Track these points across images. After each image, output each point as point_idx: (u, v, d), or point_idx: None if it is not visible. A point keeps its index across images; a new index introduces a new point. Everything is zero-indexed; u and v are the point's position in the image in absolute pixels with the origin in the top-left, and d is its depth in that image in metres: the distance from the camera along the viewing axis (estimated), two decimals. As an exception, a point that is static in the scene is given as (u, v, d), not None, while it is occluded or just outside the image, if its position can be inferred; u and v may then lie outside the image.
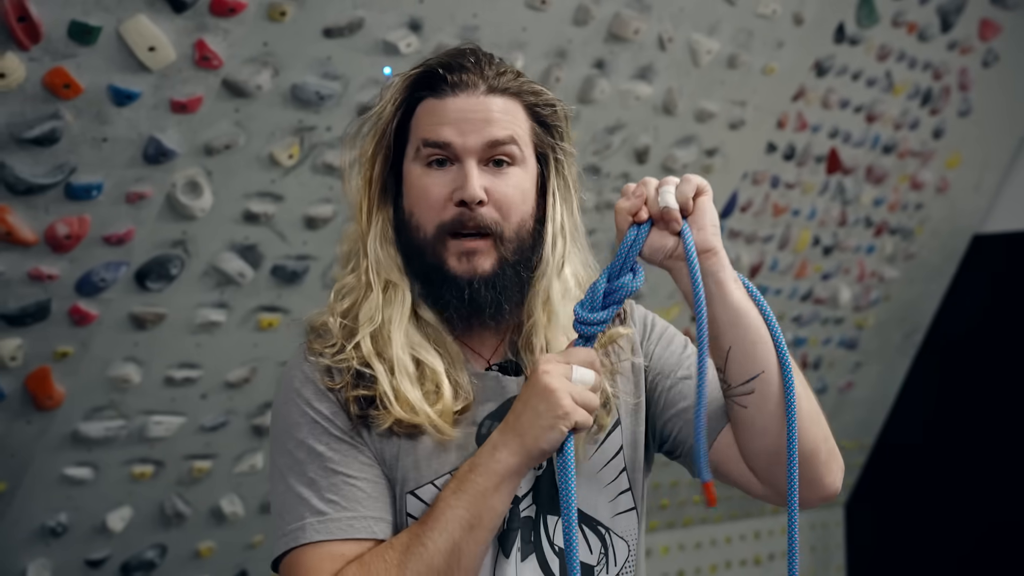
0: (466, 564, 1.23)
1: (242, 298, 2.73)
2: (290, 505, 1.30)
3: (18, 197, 2.25)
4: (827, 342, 4.44)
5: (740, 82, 3.35)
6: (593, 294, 1.28)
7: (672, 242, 1.29)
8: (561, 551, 1.33)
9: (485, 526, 1.24)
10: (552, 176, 1.40)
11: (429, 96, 1.36)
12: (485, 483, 1.24)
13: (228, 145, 2.47)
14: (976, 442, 4.56)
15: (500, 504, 1.25)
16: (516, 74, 1.39)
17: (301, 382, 1.34)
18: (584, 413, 1.24)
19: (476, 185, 1.32)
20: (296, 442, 1.31)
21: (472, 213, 1.32)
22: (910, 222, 4.41)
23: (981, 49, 4.09)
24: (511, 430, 1.24)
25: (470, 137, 1.33)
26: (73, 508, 2.76)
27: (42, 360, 2.50)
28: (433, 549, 1.23)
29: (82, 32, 2.12)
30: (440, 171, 1.34)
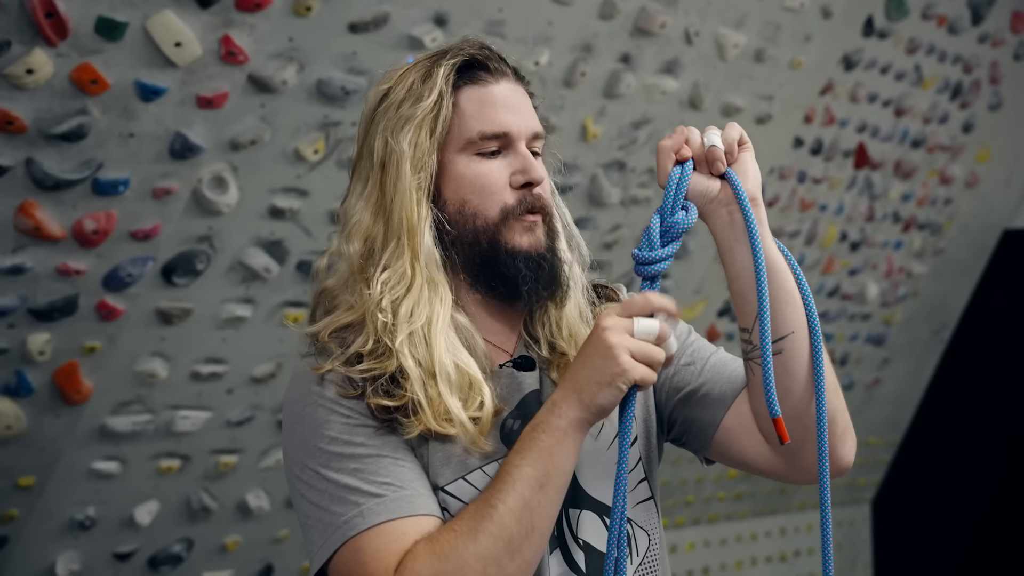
0: (539, 523, 1.20)
1: (268, 293, 2.74)
2: (337, 499, 1.23)
3: (46, 192, 2.26)
4: (854, 338, 4.40)
5: (767, 76, 3.33)
6: (649, 235, 1.27)
7: (715, 186, 1.29)
8: (586, 544, 1.31)
9: (554, 484, 1.21)
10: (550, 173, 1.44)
11: (469, 84, 1.34)
12: (549, 440, 1.21)
13: (254, 140, 2.47)
14: (1005, 439, 4.51)
15: (566, 460, 1.22)
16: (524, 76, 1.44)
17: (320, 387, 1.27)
18: (644, 369, 1.21)
19: (539, 165, 1.35)
20: (329, 439, 1.25)
21: (536, 193, 1.34)
22: (939, 217, 4.37)
23: (1013, 42, 4.04)
24: (569, 386, 1.23)
25: (522, 124, 1.35)
26: (101, 502, 2.78)
27: (70, 355, 2.51)
28: (504, 510, 1.19)
29: (109, 28, 2.13)
30: (493, 159, 1.34)
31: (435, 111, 1.33)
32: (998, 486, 4.51)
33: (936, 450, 4.76)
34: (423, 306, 1.30)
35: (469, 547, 1.18)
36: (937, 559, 4.67)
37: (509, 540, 1.19)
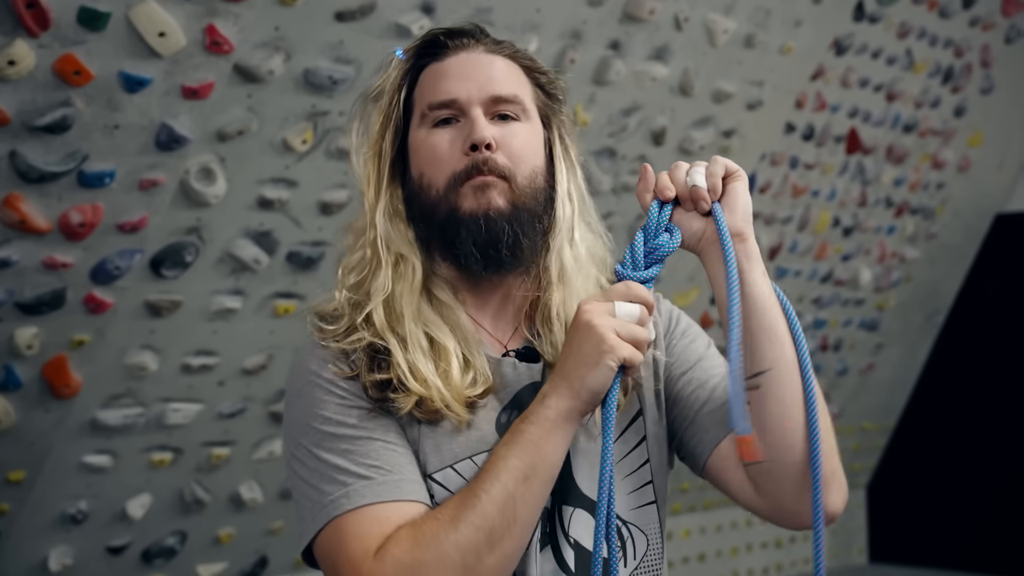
0: (522, 515, 1.19)
1: (258, 284, 2.73)
2: (327, 478, 1.23)
3: (31, 185, 2.25)
4: (847, 324, 4.40)
5: (757, 62, 3.31)
6: (633, 253, 1.26)
7: (701, 224, 1.27)
8: (576, 543, 1.29)
9: (539, 476, 1.20)
10: (556, 142, 1.37)
11: (431, 62, 1.35)
12: (537, 432, 1.20)
13: (241, 131, 2.46)
14: (999, 424, 4.51)
15: (554, 453, 1.21)
16: (515, 47, 1.39)
17: (319, 365, 1.29)
18: (631, 348, 1.20)
19: (486, 127, 1.30)
20: (322, 419, 1.26)
21: (484, 156, 1.29)
22: (931, 202, 4.36)
23: (1004, 25, 4.03)
24: (559, 375, 1.22)
25: (473, 89, 1.31)
26: (93, 496, 2.77)
27: (59, 348, 2.50)
28: (487, 500, 1.18)
29: (91, 18, 2.11)
30: (447, 128, 1.32)
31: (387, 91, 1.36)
32: (993, 469, 4.52)
33: (930, 435, 4.76)
34: (388, 281, 1.31)
35: (450, 536, 1.17)
36: (932, 543, 4.68)
37: (490, 531, 1.18)
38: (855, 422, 4.68)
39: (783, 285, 4.03)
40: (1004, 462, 4.50)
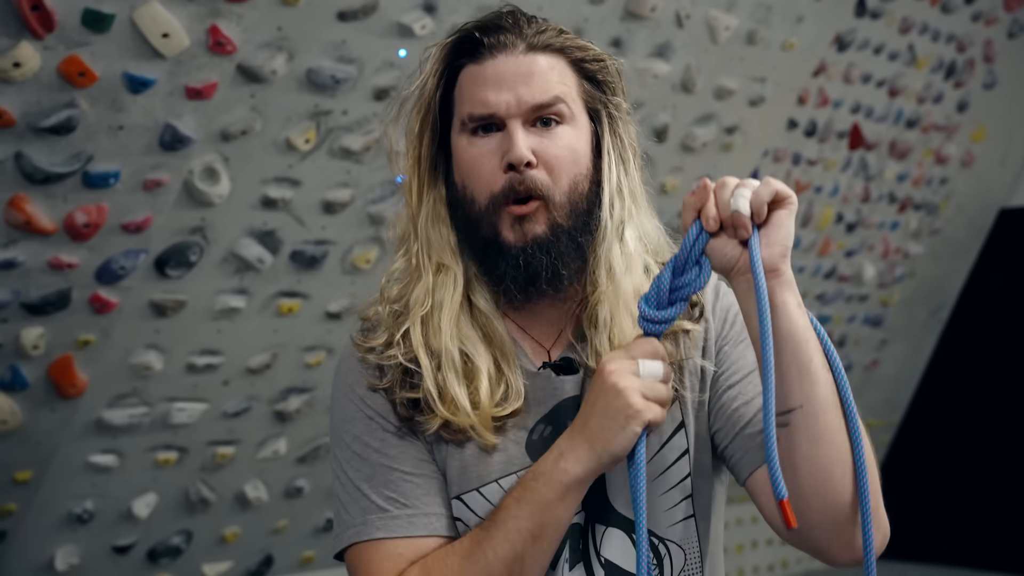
0: (528, 573, 1.20)
1: (262, 284, 2.74)
2: (353, 499, 1.28)
3: (36, 186, 2.26)
4: (852, 320, 4.40)
5: (759, 58, 3.32)
6: (658, 289, 1.20)
7: (736, 252, 1.18)
8: (608, 563, 1.28)
9: (548, 536, 1.20)
10: (606, 134, 1.32)
11: (469, 63, 1.30)
12: (549, 494, 1.19)
13: (244, 131, 2.47)
14: (1004, 419, 4.51)
15: (565, 513, 1.20)
16: (559, 31, 1.31)
17: (355, 378, 1.31)
18: (657, 409, 1.17)
19: (522, 147, 1.25)
20: (352, 436, 1.30)
21: (521, 176, 1.26)
22: (935, 197, 4.36)
23: (1006, 20, 4.03)
24: (579, 435, 1.18)
25: (512, 100, 1.26)
26: (98, 495, 2.78)
27: (64, 348, 2.51)
28: (493, 558, 1.20)
29: (96, 20, 2.12)
30: (487, 138, 1.28)
31: (425, 93, 1.31)
32: (999, 465, 4.52)
33: (935, 430, 4.76)
34: (431, 292, 1.30)
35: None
36: (938, 539, 4.68)
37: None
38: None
39: (787, 281, 4.03)
40: (1009, 457, 4.49)
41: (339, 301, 2.89)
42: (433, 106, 1.31)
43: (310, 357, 2.95)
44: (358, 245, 2.84)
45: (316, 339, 2.92)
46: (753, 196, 1.16)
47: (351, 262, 2.85)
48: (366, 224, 2.81)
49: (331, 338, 2.94)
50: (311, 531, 3.25)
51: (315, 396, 3.01)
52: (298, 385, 2.97)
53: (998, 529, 4.52)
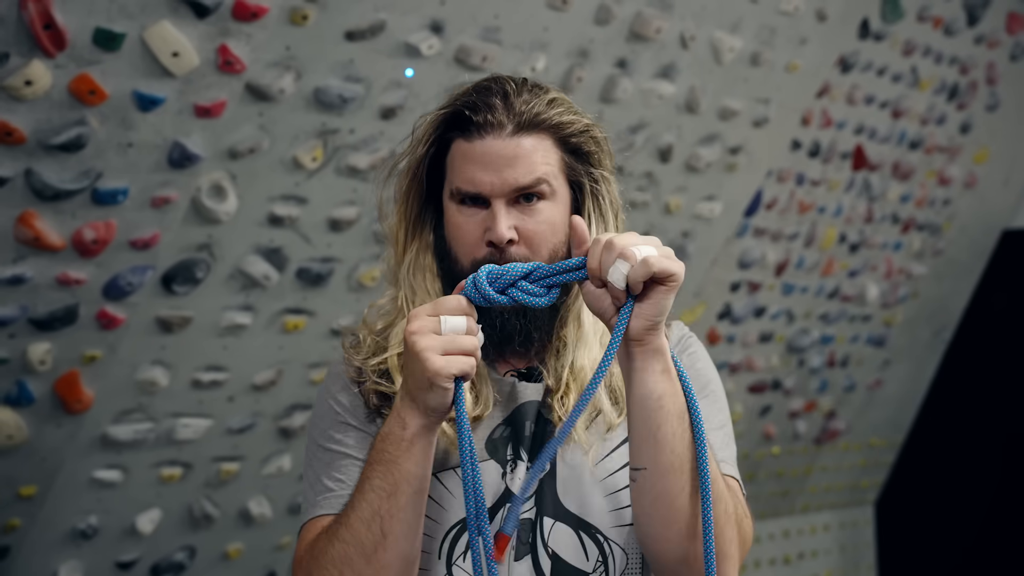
0: (392, 529, 1.27)
1: (267, 301, 2.75)
2: (311, 487, 1.41)
3: (45, 203, 2.28)
4: (855, 340, 4.41)
5: (763, 79, 3.34)
6: (504, 275, 1.27)
7: (609, 308, 1.27)
8: (554, 554, 1.35)
9: (404, 491, 1.27)
10: (587, 201, 1.42)
11: (459, 137, 1.39)
12: (395, 450, 1.27)
13: (252, 149, 2.49)
14: (1007, 439, 4.51)
15: (414, 468, 1.28)
16: (549, 103, 1.39)
17: (333, 378, 1.45)
18: (461, 361, 1.24)
19: (503, 227, 1.35)
20: (320, 432, 1.43)
21: (502, 253, 1.36)
22: (938, 218, 4.37)
23: (1008, 43, 4.05)
24: (405, 395, 1.28)
25: (497, 182, 1.36)
26: (103, 511, 2.78)
27: (71, 364, 2.52)
28: (355, 518, 1.28)
29: (107, 39, 2.14)
30: (473, 210, 1.38)
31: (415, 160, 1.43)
32: (1001, 486, 4.51)
33: (939, 451, 4.76)
34: None
35: (327, 550, 1.30)
36: (941, 560, 4.67)
37: (361, 546, 1.27)
38: (863, 438, 4.68)
39: (789, 301, 4.04)
40: (1013, 477, 4.49)
41: (344, 318, 2.90)
42: (421, 171, 1.43)
43: (315, 374, 2.96)
44: (364, 263, 2.86)
45: (321, 356, 2.93)
46: (630, 272, 1.22)
47: (357, 279, 2.87)
48: (372, 242, 2.83)
49: (336, 355, 2.95)
50: None
51: (319, 413, 3.02)
52: (303, 402, 2.98)
53: (1004, 549, 4.51)
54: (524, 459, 1.38)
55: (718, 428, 1.41)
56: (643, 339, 1.25)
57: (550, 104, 1.39)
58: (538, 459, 1.27)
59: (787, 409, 4.29)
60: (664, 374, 1.26)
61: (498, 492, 1.36)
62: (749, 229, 3.73)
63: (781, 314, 4.04)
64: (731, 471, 1.40)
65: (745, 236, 3.73)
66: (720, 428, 1.42)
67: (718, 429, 1.41)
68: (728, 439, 1.43)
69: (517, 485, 1.36)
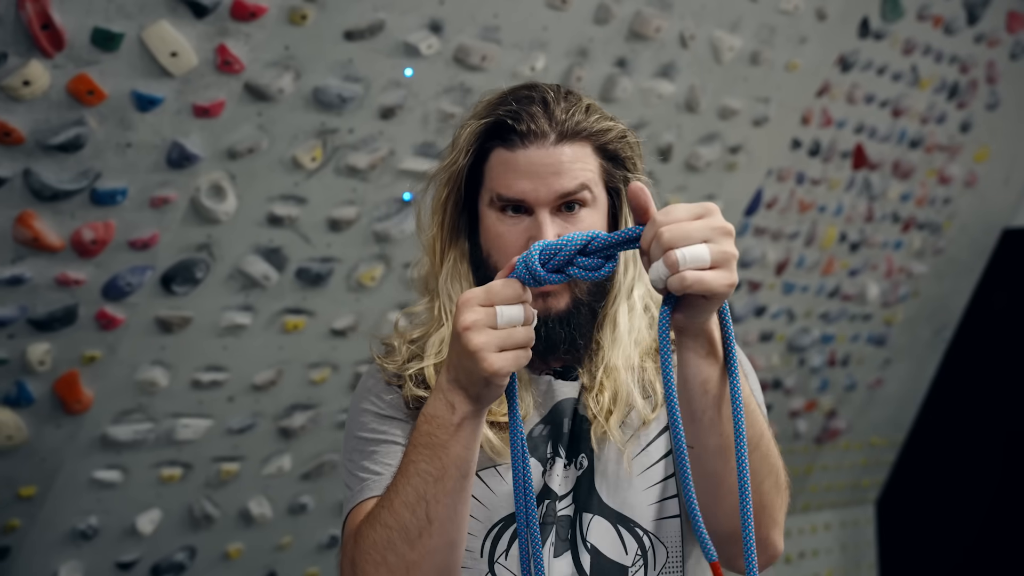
0: (436, 514, 1.25)
1: (267, 301, 2.75)
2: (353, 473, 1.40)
3: (44, 203, 2.27)
4: (855, 339, 4.40)
5: (763, 79, 3.33)
6: (557, 252, 1.20)
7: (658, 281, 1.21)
8: (593, 549, 1.35)
9: (450, 475, 1.25)
10: (624, 206, 1.42)
11: (500, 146, 1.38)
12: (443, 435, 1.24)
13: (251, 149, 2.48)
14: (1008, 438, 4.51)
15: (463, 450, 1.25)
16: (586, 110, 1.39)
17: (370, 381, 1.45)
18: (520, 357, 1.20)
19: (549, 230, 1.34)
20: (359, 425, 1.42)
21: None
22: (938, 217, 4.37)
23: (1009, 41, 4.04)
24: (454, 381, 1.24)
25: (542, 190, 1.36)
26: (103, 511, 2.78)
27: (70, 364, 2.52)
28: (399, 503, 1.26)
29: (105, 39, 2.14)
30: (514, 218, 1.38)
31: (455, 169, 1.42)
32: (1002, 485, 4.51)
33: (939, 449, 4.75)
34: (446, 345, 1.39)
35: (369, 534, 1.27)
36: (942, 559, 4.67)
37: (404, 530, 1.25)
38: (864, 437, 4.68)
39: (790, 300, 4.04)
40: (1014, 476, 4.49)
41: (344, 318, 2.90)
42: (460, 179, 1.42)
43: (315, 374, 2.95)
44: (363, 263, 2.85)
45: (321, 356, 2.93)
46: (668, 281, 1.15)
47: (356, 279, 2.86)
48: (371, 242, 2.82)
49: (336, 355, 2.95)
50: (315, 548, 3.25)
51: (320, 413, 3.02)
52: (303, 402, 2.98)
53: (1006, 548, 4.51)
54: (562, 456, 1.38)
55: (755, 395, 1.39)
56: (685, 328, 1.21)
57: (588, 112, 1.40)
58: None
59: (788, 408, 4.29)
60: (708, 358, 1.22)
61: (538, 489, 1.37)
62: (749, 228, 3.72)
63: (781, 313, 4.04)
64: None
65: (745, 235, 3.73)
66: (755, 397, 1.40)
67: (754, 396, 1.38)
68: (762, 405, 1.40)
69: (556, 483, 1.37)
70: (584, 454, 1.38)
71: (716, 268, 1.14)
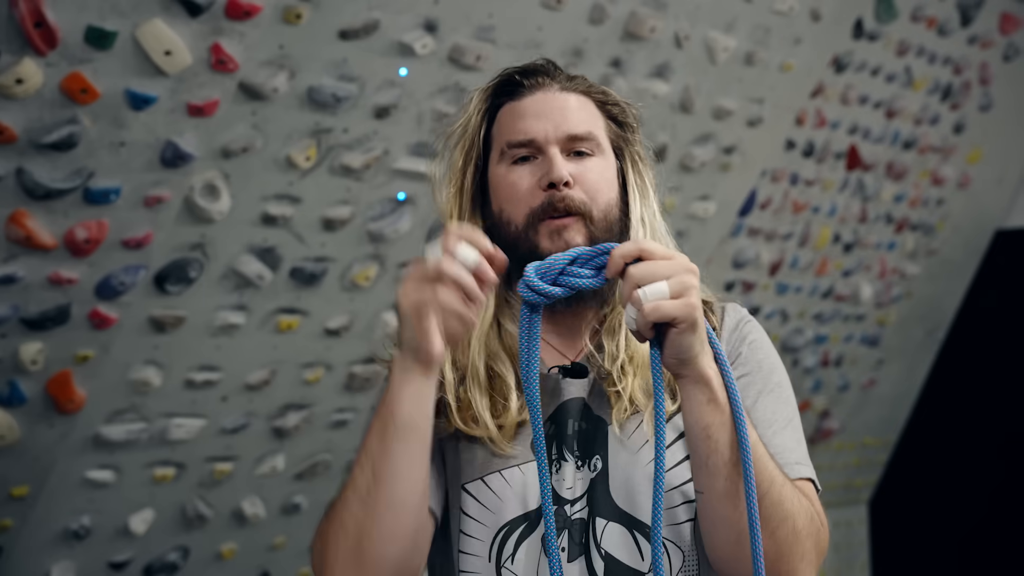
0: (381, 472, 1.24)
1: (261, 300, 2.74)
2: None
3: (37, 202, 2.27)
4: (849, 339, 4.41)
5: (758, 79, 3.34)
6: (552, 265, 1.23)
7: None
8: (607, 555, 1.32)
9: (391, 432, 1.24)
10: (630, 171, 1.43)
11: (508, 101, 1.41)
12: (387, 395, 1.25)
13: (245, 148, 2.48)
14: (1001, 438, 4.52)
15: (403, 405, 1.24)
16: (587, 81, 1.44)
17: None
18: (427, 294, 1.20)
19: (563, 167, 1.35)
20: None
21: (561, 194, 1.35)
22: (931, 218, 4.38)
23: (1002, 43, 4.05)
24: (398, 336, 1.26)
25: (550, 128, 1.37)
26: (96, 511, 2.78)
27: (63, 364, 2.51)
28: (355, 465, 1.27)
29: (98, 37, 2.14)
30: (526, 165, 1.38)
31: (469, 130, 1.42)
32: (995, 485, 4.52)
33: (932, 450, 4.76)
34: None
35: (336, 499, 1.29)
36: (934, 559, 4.68)
37: (356, 488, 1.26)
38: (856, 437, 4.69)
39: (783, 301, 4.04)
40: (1006, 476, 4.50)
41: (338, 318, 2.90)
42: (477, 141, 1.42)
43: (309, 374, 2.95)
44: (357, 262, 2.85)
45: (315, 356, 2.93)
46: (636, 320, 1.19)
47: (350, 279, 2.86)
48: (365, 241, 2.82)
49: (330, 355, 2.95)
50: (308, 548, 3.24)
51: (313, 413, 3.02)
52: (296, 402, 2.98)
53: (997, 548, 4.52)
54: (570, 458, 1.35)
55: (785, 425, 1.36)
56: (679, 372, 1.23)
57: (588, 82, 1.44)
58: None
59: (781, 409, 4.29)
60: (709, 404, 1.22)
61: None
62: (743, 229, 3.73)
63: (775, 314, 4.04)
64: (806, 472, 1.35)
65: (739, 236, 3.73)
66: (788, 424, 1.37)
67: (785, 427, 1.36)
68: (797, 434, 1.38)
69: (564, 486, 1.34)
70: (599, 455, 1.35)
71: (675, 298, 1.18)
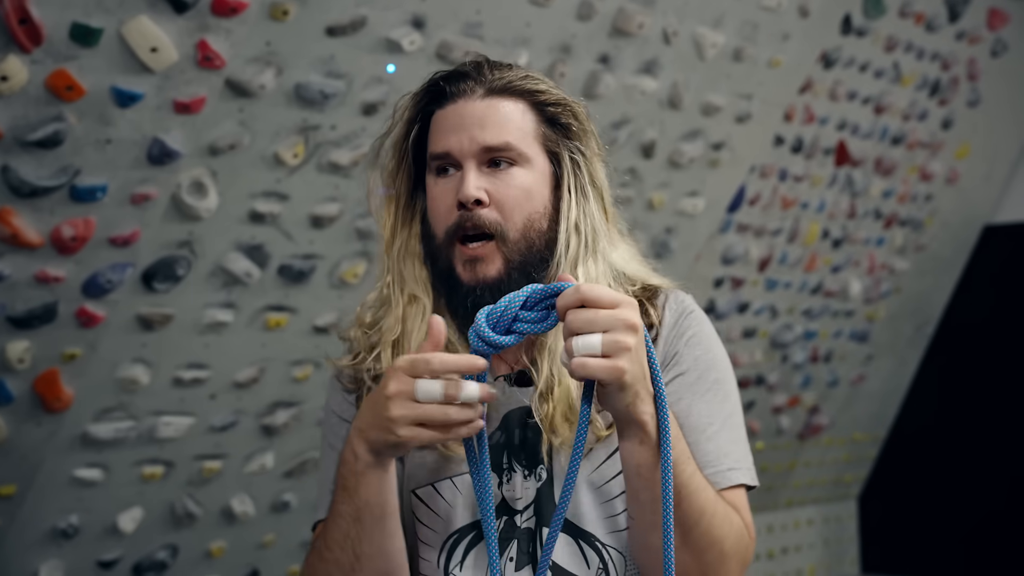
0: (363, 551, 1.29)
1: (249, 298, 2.74)
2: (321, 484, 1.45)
3: (23, 200, 2.26)
4: (838, 335, 4.42)
5: (746, 75, 3.34)
6: (503, 313, 1.19)
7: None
8: (555, 565, 1.34)
9: (365, 517, 1.28)
10: (566, 174, 1.38)
11: (436, 109, 1.39)
12: (353, 480, 1.27)
13: (233, 145, 2.47)
14: (989, 434, 4.53)
15: (373, 495, 1.27)
16: (525, 75, 1.39)
17: (332, 389, 1.45)
18: (430, 435, 1.20)
19: (471, 186, 1.33)
20: (328, 428, 1.46)
21: (471, 214, 1.33)
22: (920, 214, 4.39)
23: (990, 39, 4.06)
24: (362, 433, 1.25)
25: (465, 142, 1.34)
26: (84, 510, 2.77)
27: (50, 362, 2.50)
28: (331, 540, 1.31)
29: (84, 34, 2.13)
30: (446, 178, 1.36)
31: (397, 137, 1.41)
32: (984, 479, 4.54)
33: (921, 445, 4.78)
34: (401, 321, 1.38)
35: (316, 565, 1.33)
36: (924, 553, 4.70)
37: (339, 565, 1.30)
38: (846, 433, 4.70)
39: (773, 297, 4.05)
40: (995, 471, 4.51)
41: (327, 315, 2.89)
42: (406, 149, 1.41)
43: (297, 371, 2.94)
44: (346, 259, 2.84)
45: (303, 353, 2.92)
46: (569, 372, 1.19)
47: (339, 276, 2.86)
48: (354, 239, 2.82)
49: (319, 352, 2.94)
50: (298, 545, 3.24)
51: (302, 410, 3.01)
52: (285, 399, 2.97)
53: (986, 543, 4.54)
54: (516, 469, 1.36)
55: (721, 426, 1.36)
56: (613, 414, 1.23)
57: (524, 78, 1.39)
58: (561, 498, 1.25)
59: (770, 404, 4.30)
60: (642, 445, 1.22)
61: (496, 502, 1.34)
62: (732, 225, 3.73)
63: (764, 310, 4.05)
64: (739, 477, 1.37)
65: (728, 232, 3.74)
66: (724, 424, 1.36)
67: (721, 428, 1.36)
68: (735, 433, 1.38)
69: (514, 496, 1.35)
70: (543, 465, 1.35)
71: (605, 357, 1.16)
